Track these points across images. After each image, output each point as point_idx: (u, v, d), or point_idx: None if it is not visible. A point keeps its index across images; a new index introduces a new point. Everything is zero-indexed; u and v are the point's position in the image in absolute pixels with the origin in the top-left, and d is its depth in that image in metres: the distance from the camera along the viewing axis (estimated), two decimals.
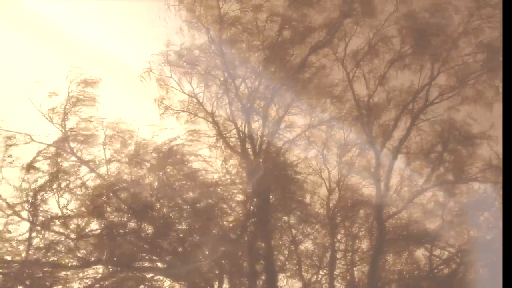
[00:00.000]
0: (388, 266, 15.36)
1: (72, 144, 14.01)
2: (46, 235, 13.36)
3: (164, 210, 14.23)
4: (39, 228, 13.09)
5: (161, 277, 14.00)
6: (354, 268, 15.23)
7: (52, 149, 13.67)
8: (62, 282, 13.32)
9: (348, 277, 15.12)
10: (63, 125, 14.09)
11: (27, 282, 12.91)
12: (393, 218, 15.35)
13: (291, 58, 15.06)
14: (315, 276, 14.95)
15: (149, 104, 14.65)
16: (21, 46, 14.81)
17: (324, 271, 15.00)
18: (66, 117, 14.11)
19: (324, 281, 14.99)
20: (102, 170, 14.25)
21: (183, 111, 14.70)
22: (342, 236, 15.42)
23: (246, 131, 14.73)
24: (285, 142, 14.97)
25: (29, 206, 13.02)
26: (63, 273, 13.40)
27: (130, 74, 14.85)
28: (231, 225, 14.35)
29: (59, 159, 13.94)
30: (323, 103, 15.37)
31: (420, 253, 15.47)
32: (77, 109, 14.26)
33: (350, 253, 15.29)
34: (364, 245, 15.42)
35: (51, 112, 14.04)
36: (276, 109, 15.04)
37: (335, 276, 14.98)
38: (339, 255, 15.24)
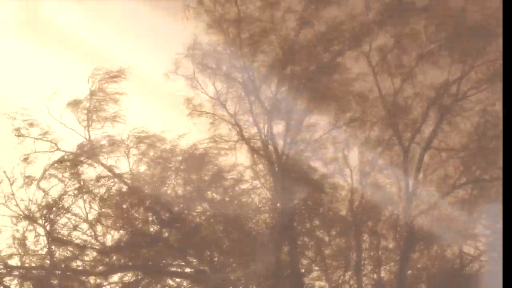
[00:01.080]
0: (417, 265, 15.12)
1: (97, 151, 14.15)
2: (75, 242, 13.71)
3: (191, 216, 14.36)
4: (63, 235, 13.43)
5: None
6: (381, 268, 15.05)
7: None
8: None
9: (375, 277, 14.98)
10: (87, 132, 14.20)
11: None
12: (421, 216, 15.08)
13: (315, 59, 14.80)
14: (342, 277, 14.82)
15: (174, 106, 14.70)
16: (38, 57, 14.89)
17: (351, 272, 14.85)
18: (89, 123, 14.22)
19: (352, 282, 14.86)
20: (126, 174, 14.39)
21: (208, 113, 14.60)
22: (367, 236, 15.18)
23: (268, 134, 14.62)
24: (308, 143, 14.79)
25: (48, 215, 13.31)
26: (92, 279, 13.76)
27: (152, 76, 14.87)
28: (259, 233, 14.38)
29: (83, 167, 14.18)
30: (346, 102, 15.04)
31: (449, 251, 15.18)
32: (101, 114, 14.31)
33: (376, 253, 15.07)
34: (391, 244, 15.20)
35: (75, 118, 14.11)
36: (298, 110, 14.80)
37: (362, 276, 14.85)
38: (365, 255, 15.06)
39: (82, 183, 13.76)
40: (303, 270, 14.59)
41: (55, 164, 13.92)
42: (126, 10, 14.73)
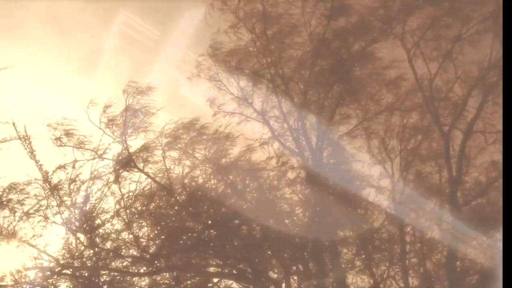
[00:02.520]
0: (465, 256, 14.37)
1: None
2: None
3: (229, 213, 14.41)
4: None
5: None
6: (427, 260, 14.45)
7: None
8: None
9: (421, 270, 14.40)
10: (124, 139, 14.55)
11: None
12: (468, 204, 14.32)
13: (344, 50, 14.41)
14: (386, 271, 14.36)
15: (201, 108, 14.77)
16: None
17: (395, 266, 14.37)
18: (126, 131, 14.56)
19: (397, 276, 14.38)
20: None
21: (234, 113, 14.61)
22: (411, 227, 14.60)
23: (299, 129, 14.41)
24: (341, 135, 14.45)
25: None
26: (134, 279, 14.16)
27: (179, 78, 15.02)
28: (295, 226, 14.24)
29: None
30: (379, 90, 14.54)
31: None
32: (136, 120, 14.60)
33: (421, 245, 14.48)
34: (437, 235, 14.53)
35: (110, 126, 14.46)
36: (328, 102, 14.47)
37: (407, 269, 14.32)
38: (409, 247, 14.51)
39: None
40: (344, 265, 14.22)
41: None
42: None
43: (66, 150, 14.39)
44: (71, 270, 13.75)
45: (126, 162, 14.26)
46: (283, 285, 14.11)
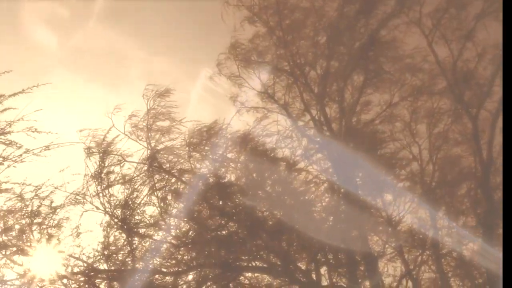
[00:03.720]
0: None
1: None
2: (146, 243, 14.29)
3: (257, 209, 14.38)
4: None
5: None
6: (463, 246, 14.07)
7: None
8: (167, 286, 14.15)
9: (455, 255, 14.02)
10: (148, 142, 14.72)
11: None
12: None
13: (358, 35, 14.25)
14: (420, 257, 14.06)
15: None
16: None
17: (429, 252, 14.04)
18: (150, 134, 14.72)
19: (430, 262, 14.07)
20: None
21: (257, 107, 14.65)
22: (444, 213, 14.25)
23: (322, 119, 14.31)
24: (365, 123, 14.27)
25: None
26: (167, 278, 14.25)
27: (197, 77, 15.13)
28: (323, 215, 14.11)
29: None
30: (401, 76, 14.30)
31: None
32: (158, 124, 14.72)
33: (455, 230, 14.11)
34: (471, 220, 14.16)
35: (134, 130, 14.65)
36: (351, 91, 14.34)
37: (441, 255, 13.98)
38: (443, 233, 14.17)
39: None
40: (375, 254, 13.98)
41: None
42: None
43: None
44: (105, 273, 13.99)
45: (151, 164, 14.43)
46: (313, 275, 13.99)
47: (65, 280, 13.51)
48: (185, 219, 14.49)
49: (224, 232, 14.28)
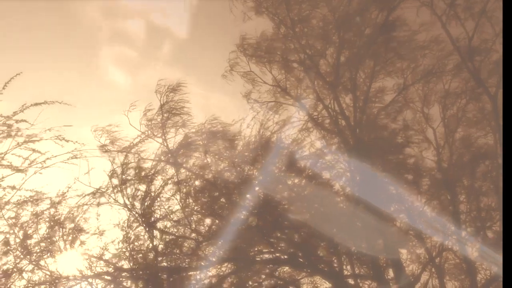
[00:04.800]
0: None
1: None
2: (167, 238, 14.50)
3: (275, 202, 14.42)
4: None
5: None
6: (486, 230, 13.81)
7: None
8: (189, 282, 14.39)
9: (479, 239, 13.78)
10: (164, 138, 14.84)
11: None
12: None
13: (369, 21, 13.97)
14: (442, 243, 13.87)
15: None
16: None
17: (451, 237, 13.84)
18: (165, 130, 14.84)
19: (454, 248, 13.87)
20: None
21: (270, 101, 14.61)
22: (464, 195, 14.00)
23: (336, 108, 14.17)
24: (379, 109, 14.06)
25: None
26: (190, 274, 14.48)
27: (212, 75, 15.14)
28: (342, 206, 14.07)
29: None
30: (413, 57, 13.98)
31: None
32: (173, 120, 14.79)
33: (477, 213, 13.86)
34: (492, 202, 13.86)
35: (149, 126, 14.73)
36: (363, 77, 14.14)
37: (464, 240, 13.77)
38: (464, 217, 13.93)
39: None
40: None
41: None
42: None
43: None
44: (129, 272, 14.29)
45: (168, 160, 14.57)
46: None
47: (90, 280, 13.92)
48: (207, 214, 14.67)
49: (244, 226, 14.41)
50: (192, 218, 14.62)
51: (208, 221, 14.76)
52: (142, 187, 14.67)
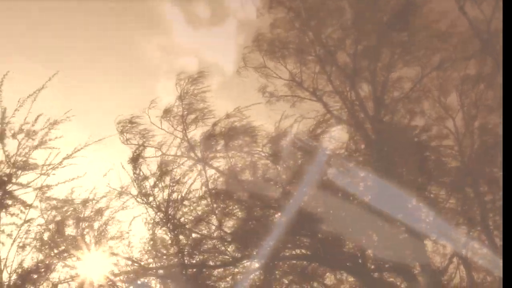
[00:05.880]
0: None
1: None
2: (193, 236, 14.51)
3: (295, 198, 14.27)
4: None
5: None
6: None
7: None
8: (214, 279, 14.41)
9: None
10: (185, 133, 14.64)
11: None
12: None
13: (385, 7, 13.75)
14: (469, 234, 13.57)
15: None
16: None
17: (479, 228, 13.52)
18: (185, 126, 14.71)
19: (483, 237, 13.55)
20: None
21: (286, 96, 14.52)
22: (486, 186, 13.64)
23: (354, 99, 13.99)
24: (398, 100, 13.82)
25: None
26: (215, 271, 14.50)
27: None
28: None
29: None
30: (431, 44, 13.69)
31: None
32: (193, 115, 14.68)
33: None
34: None
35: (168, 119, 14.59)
36: (380, 67, 13.90)
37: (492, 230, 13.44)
38: (490, 205, 13.59)
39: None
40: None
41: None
42: None
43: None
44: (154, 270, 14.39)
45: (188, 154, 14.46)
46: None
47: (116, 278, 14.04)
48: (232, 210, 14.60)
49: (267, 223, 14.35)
50: (218, 217, 14.56)
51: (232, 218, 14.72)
52: (167, 185, 14.75)
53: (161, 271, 14.45)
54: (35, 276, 12.45)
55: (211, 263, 14.50)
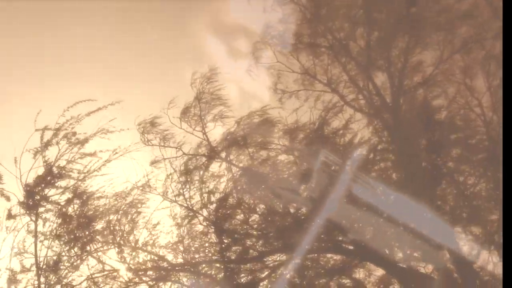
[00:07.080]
0: None
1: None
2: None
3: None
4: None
5: None
6: None
7: None
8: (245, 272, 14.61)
9: None
10: (204, 132, 14.39)
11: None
12: None
13: None
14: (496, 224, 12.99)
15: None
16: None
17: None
18: (204, 124, 14.73)
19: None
20: None
21: (299, 90, 14.24)
22: None
23: (371, 88, 13.54)
24: (416, 86, 13.25)
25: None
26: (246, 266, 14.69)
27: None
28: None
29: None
30: (450, 26, 12.94)
31: None
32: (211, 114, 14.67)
33: None
34: None
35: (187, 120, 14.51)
36: (397, 54, 13.34)
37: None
38: None
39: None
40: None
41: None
42: None
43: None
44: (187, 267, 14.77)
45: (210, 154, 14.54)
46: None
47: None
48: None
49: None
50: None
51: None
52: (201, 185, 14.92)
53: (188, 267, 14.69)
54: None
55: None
